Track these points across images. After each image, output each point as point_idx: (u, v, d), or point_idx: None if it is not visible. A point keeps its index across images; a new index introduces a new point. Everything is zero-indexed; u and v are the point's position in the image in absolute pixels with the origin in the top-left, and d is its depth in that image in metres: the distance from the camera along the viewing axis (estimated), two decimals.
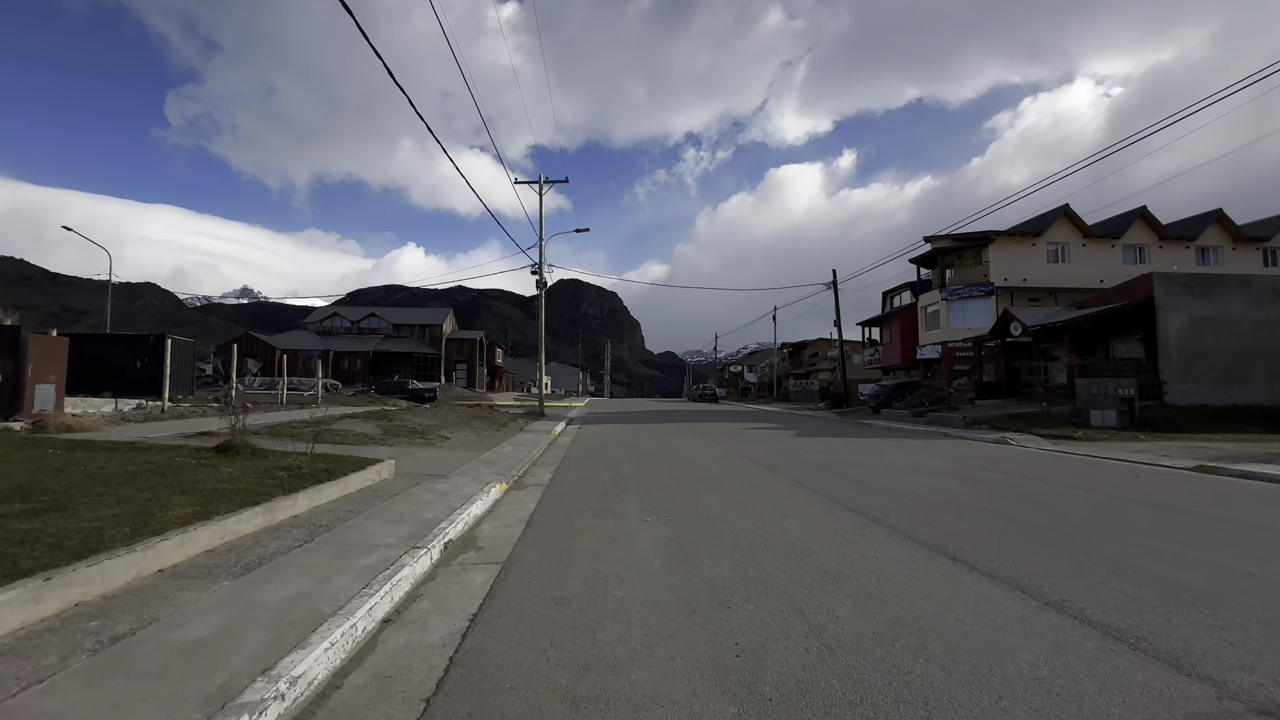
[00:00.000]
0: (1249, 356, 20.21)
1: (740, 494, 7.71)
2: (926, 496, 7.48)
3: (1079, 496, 7.53)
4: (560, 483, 8.86)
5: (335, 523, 5.49)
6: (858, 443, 15.07)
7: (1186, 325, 20.23)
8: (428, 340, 54.74)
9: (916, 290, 36.67)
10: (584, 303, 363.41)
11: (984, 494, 7.66)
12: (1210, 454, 12.65)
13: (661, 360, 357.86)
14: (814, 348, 65.41)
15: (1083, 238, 31.64)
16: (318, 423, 14.42)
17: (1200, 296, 20.41)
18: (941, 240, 32.77)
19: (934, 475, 9.37)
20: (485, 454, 11.60)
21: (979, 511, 6.56)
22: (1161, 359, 20.08)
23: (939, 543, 5.26)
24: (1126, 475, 9.60)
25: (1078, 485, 8.45)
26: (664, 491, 7.93)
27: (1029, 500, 7.27)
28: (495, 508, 7.03)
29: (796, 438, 16.47)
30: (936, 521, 6.08)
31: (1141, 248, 31.83)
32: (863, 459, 11.49)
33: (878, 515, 6.37)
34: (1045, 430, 17.38)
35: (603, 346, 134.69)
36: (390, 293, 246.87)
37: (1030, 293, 30.15)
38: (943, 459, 11.63)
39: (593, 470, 10.13)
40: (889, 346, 38.74)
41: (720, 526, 5.91)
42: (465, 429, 16.58)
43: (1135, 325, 21.45)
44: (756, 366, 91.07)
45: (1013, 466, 10.61)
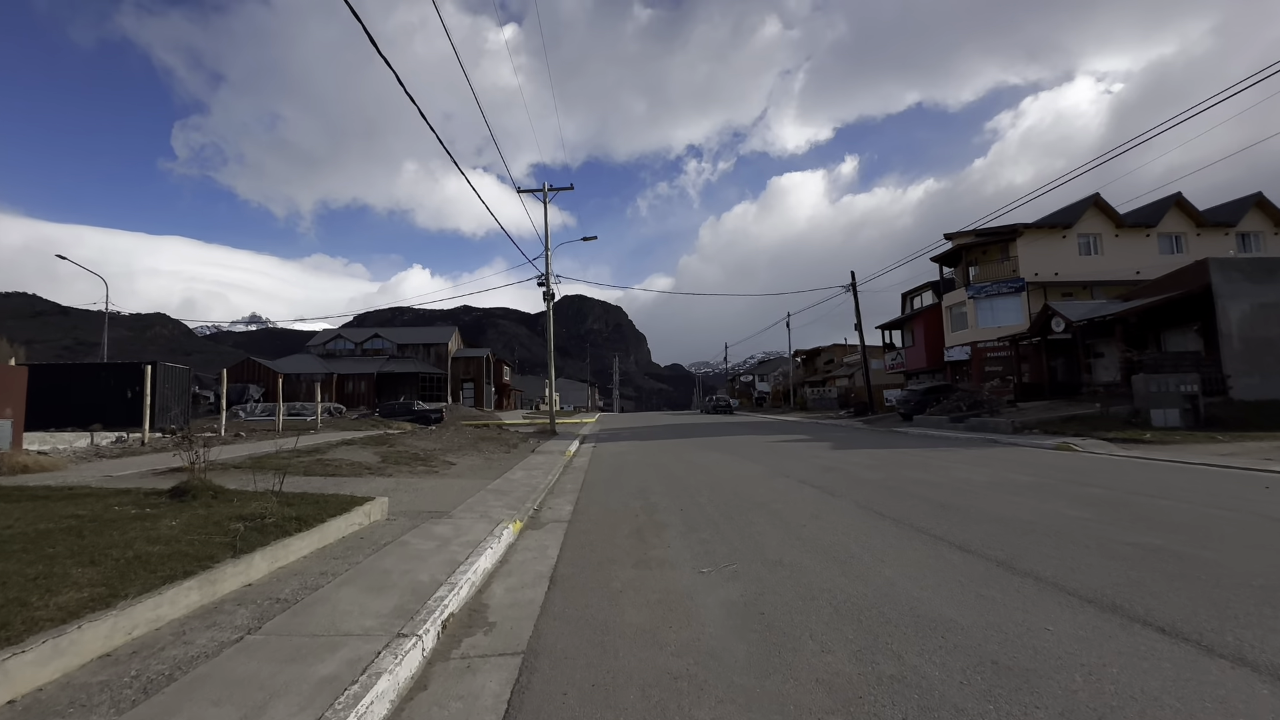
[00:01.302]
0: None
1: (808, 527, 6.29)
2: (1039, 525, 6.03)
3: (1230, 518, 6.07)
4: (584, 517, 7.48)
5: (299, 594, 4.13)
6: (907, 454, 13.59)
7: (1248, 314, 18.68)
8: (433, 360, 53.60)
9: (939, 290, 35.17)
10: (590, 318, 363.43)
11: (1109, 519, 6.21)
12: None
13: (669, 373, 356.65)
14: (829, 354, 63.83)
15: (1115, 228, 30.12)
16: (310, 451, 13.12)
17: (1261, 283, 18.86)
18: (965, 236, 31.37)
19: (1025, 494, 7.92)
20: (494, 482, 10.24)
21: (1128, 547, 5.12)
22: (1224, 351, 18.51)
23: (1115, 598, 3.84)
24: (1253, 487, 8.10)
25: (1210, 503, 6.98)
26: (712, 527, 6.52)
27: (1174, 526, 5.82)
28: (509, 556, 5.65)
29: (835, 450, 15.01)
30: (1084, 564, 4.65)
31: (1178, 236, 30.26)
32: (926, 475, 10.03)
33: (1000, 555, 4.95)
34: (1108, 434, 15.83)
35: (610, 361, 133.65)
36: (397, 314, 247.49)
37: (1063, 287, 28.62)
38: (1019, 472, 10.15)
39: (620, 499, 8.74)
40: (912, 349, 37.17)
41: (804, 579, 4.51)
42: (472, 453, 15.23)
43: (1190, 316, 19.90)
44: (768, 375, 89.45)
45: (1107, 479, 9.12)
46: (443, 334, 57.05)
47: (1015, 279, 29.41)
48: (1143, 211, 31.05)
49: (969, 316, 31.10)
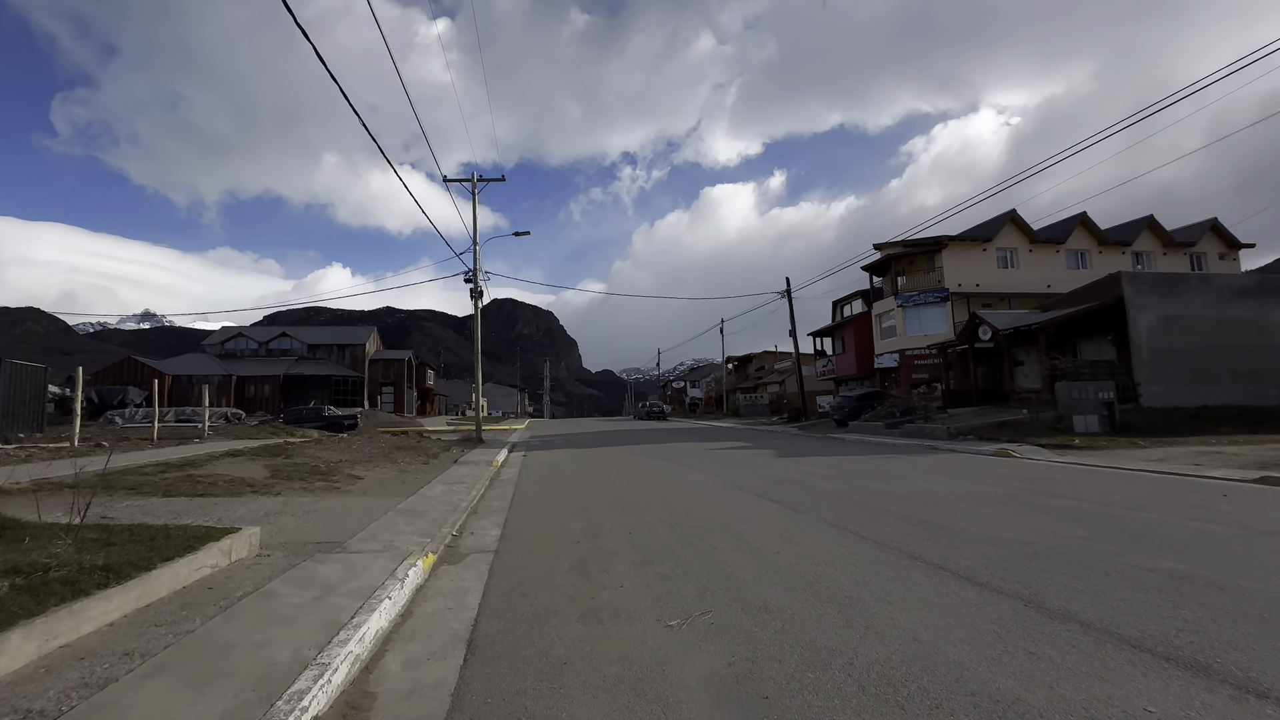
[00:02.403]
0: (1213, 356, 19.90)
1: (783, 555, 5.33)
2: (1038, 546, 5.35)
3: (1226, 534, 5.62)
4: (514, 545, 6.21)
5: (68, 699, 2.69)
6: (857, 463, 13.09)
7: (1156, 325, 19.75)
8: (348, 362, 49.84)
9: (869, 299, 36.00)
10: (520, 322, 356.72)
11: (1105, 537, 5.62)
12: (1240, 460, 11.43)
13: (600, 379, 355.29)
14: (760, 360, 64.68)
15: (1030, 243, 31.79)
16: (183, 465, 11.05)
17: (1167, 296, 20.02)
18: (893, 247, 32.18)
19: (997, 506, 7.35)
20: (407, 500, 8.74)
21: (1152, 574, 4.45)
22: (1135, 360, 19.45)
23: (1193, 652, 3.06)
24: (1213, 495, 7.91)
25: (1188, 515, 6.60)
26: (671, 556, 5.45)
27: (1179, 546, 5.27)
28: (415, 607, 4.34)
29: (782, 459, 14.35)
30: (1120, 599, 3.90)
31: (1083, 253, 32.33)
32: (886, 485, 9.41)
33: (1021, 590, 4.14)
34: (1040, 440, 16.09)
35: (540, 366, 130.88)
36: (313, 314, 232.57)
37: (983, 298, 29.82)
38: (978, 481, 9.72)
39: (557, 520, 7.51)
40: (843, 357, 37.87)
41: (803, 634, 3.50)
42: (385, 464, 13.49)
43: (1104, 327, 20.88)
44: (700, 382, 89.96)
45: (1068, 489, 8.79)
46: (360, 334, 53.23)
47: (941, 289, 30.40)
48: (1053, 229, 33.00)
49: (898, 325, 31.89)
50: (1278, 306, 20.74)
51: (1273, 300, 20.83)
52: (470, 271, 22.76)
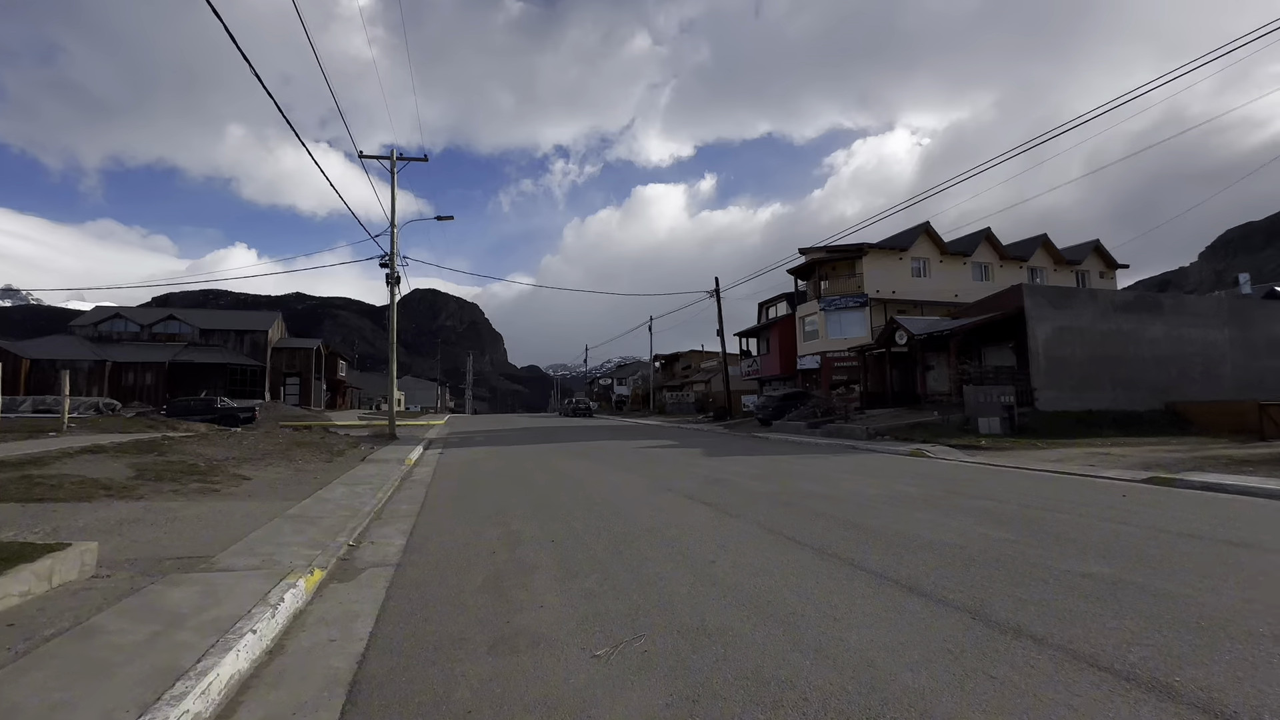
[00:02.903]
0: (1098, 365, 21.67)
1: (719, 564, 4.95)
2: (971, 551, 5.26)
3: (1141, 536, 5.77)
4: (421, 557, 5.50)
5: None
6: (785, 462, 13.09)
7: (1051, 335, 21.24)
8: (248, 350, 45.78)
9: (793, 301, 36.96)
10: (443, 314, 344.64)
11: (1033, 540, 5.64)
12: (1126, 462, 12.31)
13: (526, 374, 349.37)
14: (687, 359, 65.32)
15: (940, 254, 33.67)
16: (22, 463, 9.40)
17: (1060, 308, 21.58)
18: (817, 252, 33.12)
19: (924, 508, 7.35)
20: (301, 504, 7.76)
21: (1085, 580, 4.40)
22: (1032, 367, 20.83)
23: (1150, 668, 2.90)
24: (1113, 495, 8.32)
25: (1100, 515, 6.82)
26: (598, 568, 4.94)
27: (1103, 550, 5.33)
28: (289, 640, 3.60)
29: (710, 458, 14.17)
30: (1063, 610, 3.77)
31: (986, 265, 34.63)
32: (816, 486, 9.32)
33: (965, 601, 3.94)
34: (950, 440, 16.83)
35: (464, 360, 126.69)
36: (211, 298, 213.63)
37: (899, 304, 31.26)
38: (903, 481, 9.83)
39: (471, 526, 6.82)
40: (767, 357, 38.71)
41: (747, 661, 3.10)
42: (280, 462, 12.17)
43: (1007, 335, 22.26)
44: (627, 379, 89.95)
45: (988, 489, 9.01)
46: (263, 320, 49.04)
47: (860, 294, 31.63)
48: (961, 242, 35.17)
49: (820, 328, 32.89)
50: (1151, 322, 22.90)
51: (1148, 316, 22.97)
52: (387, 256, 21.25)
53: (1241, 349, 24.23)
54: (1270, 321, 25.17)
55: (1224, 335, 24.09)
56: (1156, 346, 22.77)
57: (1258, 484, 8.80)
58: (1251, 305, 25.74)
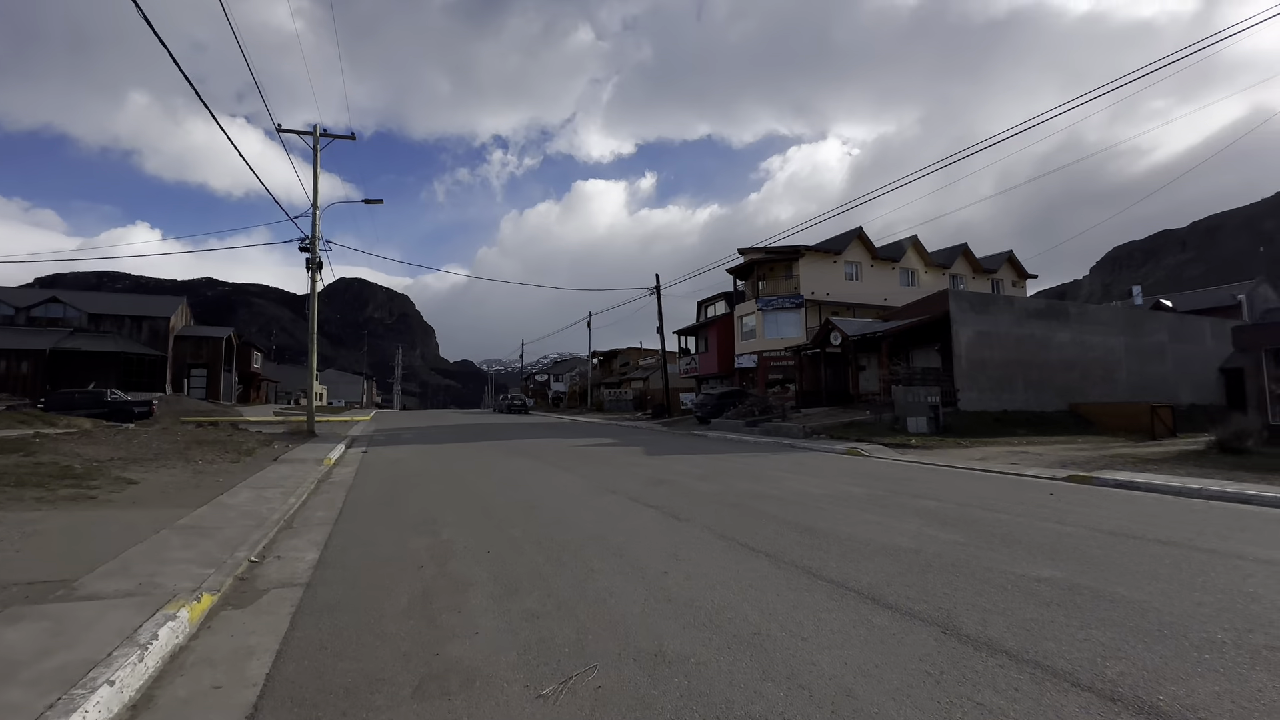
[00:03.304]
0: (1012, 368, 22.98)
1: (672, 576, 4.60)
2: (927, 555, 5.16)
3: (1081, 535, 5.88)
4: (337, 572, 4.85)
5: None
6: (727, 461, 12.96)
7: (973, 339, 22.32)
8: (146, 337, 41.73)
9: (732, 301, 37.39)
10: (371, 305, 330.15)
11: (983, 542, 5.61)
12: (1044, 460, 12.96)
13: (458, 369, 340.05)
14: (625, 356, 65.10)
15: (871, 259, 34.94)
16: None
17: (982, 313, 22.73)
18: (756, 253, 33.59)
19: (872, 509, 7.30)
20: (196, 511, 6.84)
21: (1043, 585, 4.34)
22: (956, 369, 21.81)
23: (1134, 688, 2.77)
24: (1041, 493, 8.60)
25: (1036, 514, 6.96)
26: (540, 583, 4.48)
27: (1050, 551, 5.35)
28: (157, 692, 2.94)
29: (652, 457, 13.87)
30: (1032, 622, 3.65)
31: (913, 271, 36.25)
32: (761, 486, 9.17)
33: (932, 612, 3.76)
34: (883, 439, 17.30)
35: (392, 353, 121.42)
36: (107, 280, 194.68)
37: (832, 306, 32.17)
38: (842, 481, 9.85)
39: (396, 535, 6.17)
40: (705, 356, 39.00)
41: (715, 695, 2.74)
42: (176, 463, 10.91)
43: (933, 338, 23.22)
44: (564, 375, 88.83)
45: (923, 488, 9.14)
46: (164, 306, 44.86)
47: (797, 295, 32.34)
48: (890, 248, 36.67)
49: (757, 327, 33.41)
50: (1060, 328, 24.53)
51: (1056, 323, 24.59)
52: (307, 239, 19.72)
53: (1135, 355, 26.39)
54: (1158, 331, 27.56)
55: (1120, 342, 26.15)
56: (1063, 351, 24.41)
57: (1164, 481, 9.36)
58: (1143, 315, 28.07)
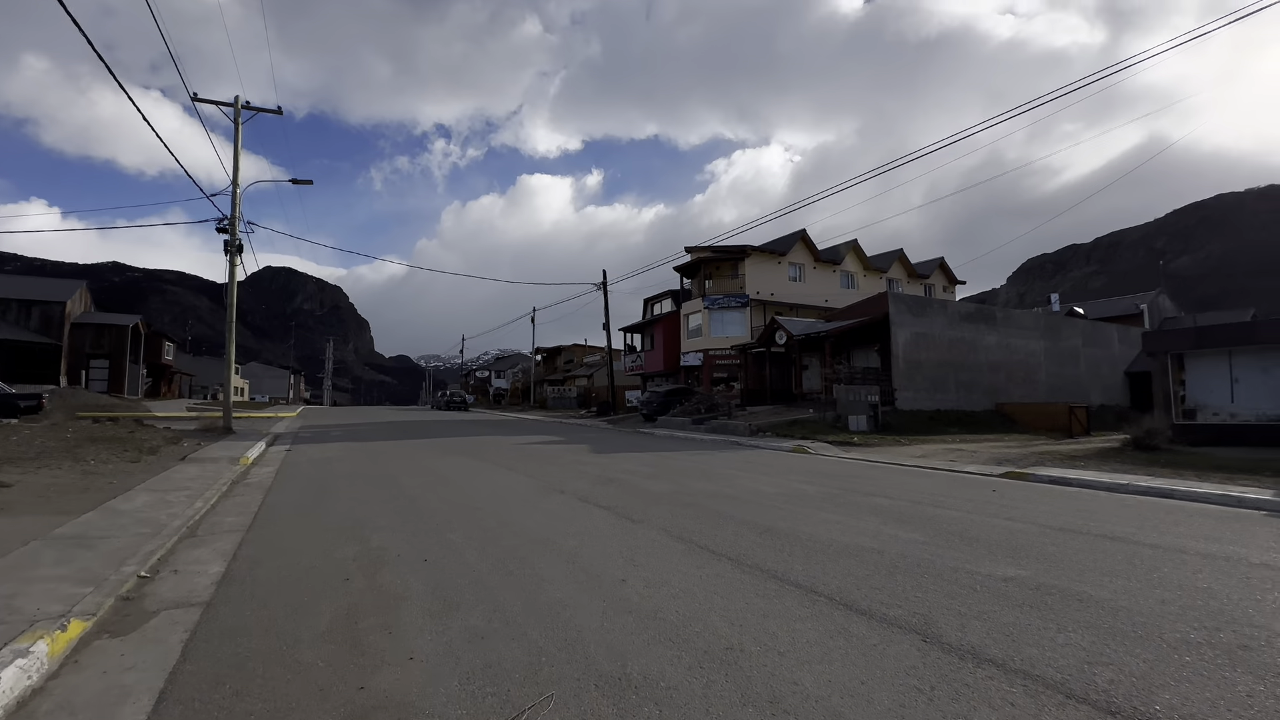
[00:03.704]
0: (945, 369, 23.93)
1: (631, 584, 4.23)
2: (891, 555, 5.01)
3: (1033, 533, 5.90)
4: (244, 589, 4.22)
5: None
6: (676, 459, 12.71)
7: (910, 340, 23.08)
8: (36, 324, 37.70)
9: (678, 299, 37.38)
10: (300, 295, 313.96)
11: (943, 542, 5.54)
12: (979, 457, 13.40)
13: (394, 365, 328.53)
14: (569, 353, 64.24)
15: (814, 261, 35.72)
16: None
17: (919, 316, 23.53)
18: (703, 251, 33.69)
19: (829, 508, 7.18)
20: (80, 519, 5.95)
21: (1010, 585, 4.24)
22: (894, 369, 22.48)
23: (1141, 706, 2.61)
24: (984, 490, 8.77)
25: (985, 511, 7.02)
26: (485, 596, 4.02)
27: (1011, 550, 5.31)
28: None
29: (599, 455, 13.47)
30: (1013, 625, 3.50)
31: (852, 274, 37.32)
32: (714, 485, 8.94)
33: (909, 619, 3.55)
34: (827, 437, 17.55)
35: (322, 347, 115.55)
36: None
37: (776, 306, 32.65)
38: (794, 479, 9.76)
39: (321, 541, 5.52)
40: (651, 353, 38.85)
41: None
42: (64, 462, 9.67)
43: (873, 338, 23.86)
44: (506, 372, 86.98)
45: (873, 485, 9.15)
46: (59, 290, 40.65)
47: (742, 295, 32.64)
48: (831, 251, 37.62)
49: (703, 326, 33.52)
50: (987, 332, 25.75)
51: (985, 326, 25.80)
52: (226, 219, 18.15)
53: (1053, 358, 28.06)
54: (1073, 336, 29.42)
55: (1040, 346, 27.75)
56: (990, 354, 25.65)
57: (1092, 477, 9.76)
58: (1060, 321, 29.88)
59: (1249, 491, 8.05)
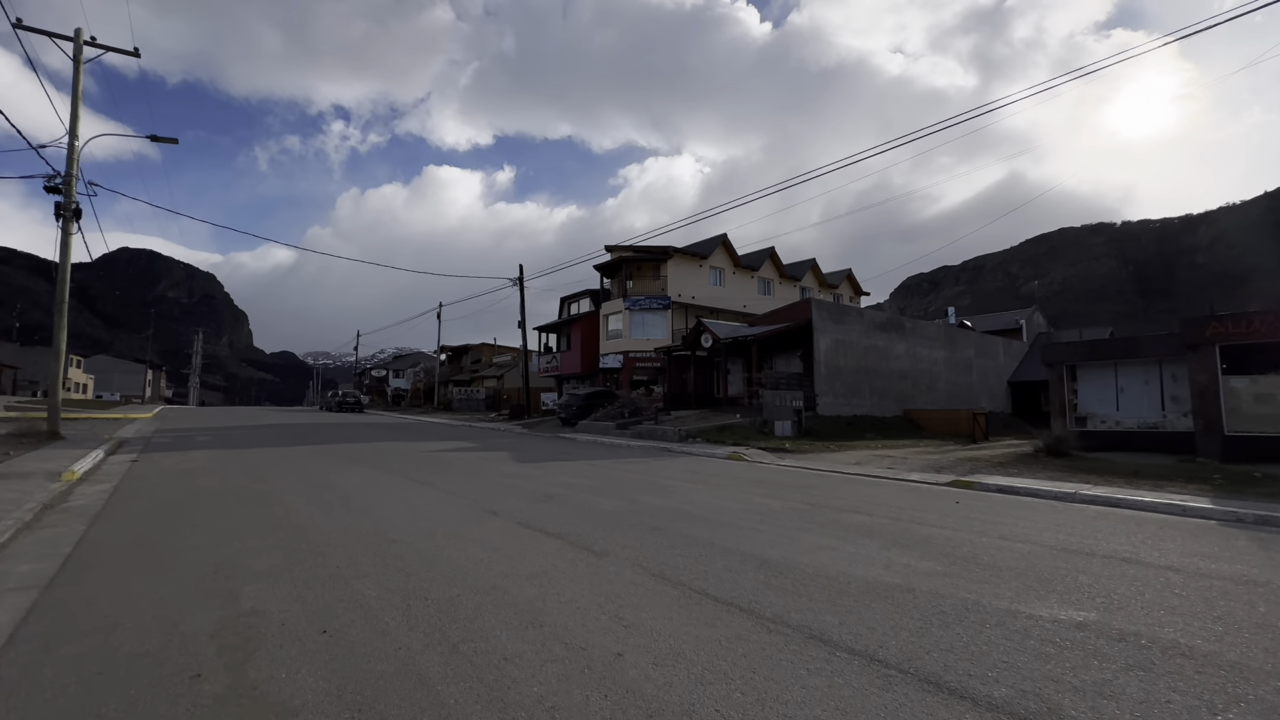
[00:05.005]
0: (862, 375, 24.52)
1: (634, 660, 3.06)
2: (919, 594, 4.19)
3: (1033, 553, 5.35)
4: (19, 706, 2.60)
5: None
6: (613, 469, 11.54)
7: (830, 347, 23.38)
8: None
9: (597, 299, 36.21)
10: (164, 282, 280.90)
11: (961, 571, 4.81)
12: (912, 464, 13.37)
13: (276, 361, 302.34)
14: (476, 353, 61.07)
15: (734, 266, 35.89)
16: None
17: (839, 323, 23.92)
18: (624, 250, 32.82)
19: (807, 528, 6.35)
20: None
21: (1106, 640, 3.50)
22: (816, 375, 22.64)
23: None
24: (946, 501, 8.37)
25: (969, 527, 6.48)
26: (425, 699, 2.69)
27: (1043, 580, 4.67)
28: None
29: (524, 465, 12.03)
30: (1174, 710, 2.72)
31: (770, 281, 37.93)
32: (669, 500, 7.89)
33: (991, 693, 2.68)
34: (756, 442, 17.11)
35: (190, 340, 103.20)
36: None
37: (698, 310, 32.39)
38: (746, 490, 8.92)
39: (162, 601, 3.85)
40: (568, 354, 37.33)
41: None
42: None
43: (795, 344, 23.97)
44: (405, 371, 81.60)
45: (832, 497, 8.50)
46: None
47: (664, 297, 32.05)
48: (750, 257, 38.08)
49: (624, 327, 32.58)
50: (898, 340, 26.75)
51: (895, 335, 26.79)
52: (58, 177, 14.85)
53: (951, 367, 29.74)
54: (967, 347, 31.41)
55: (941, 355, 29.31)
56: (899, 362, 26.67)
57: (1035, 485, 9.72)
58: (957, 333, 31.81)
59: (1189, 499, 8.18)
